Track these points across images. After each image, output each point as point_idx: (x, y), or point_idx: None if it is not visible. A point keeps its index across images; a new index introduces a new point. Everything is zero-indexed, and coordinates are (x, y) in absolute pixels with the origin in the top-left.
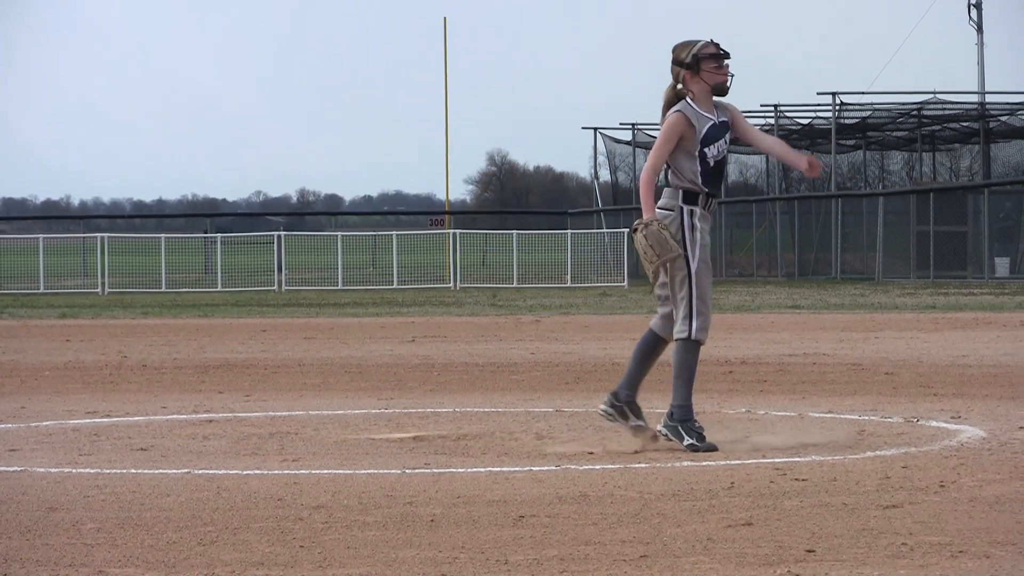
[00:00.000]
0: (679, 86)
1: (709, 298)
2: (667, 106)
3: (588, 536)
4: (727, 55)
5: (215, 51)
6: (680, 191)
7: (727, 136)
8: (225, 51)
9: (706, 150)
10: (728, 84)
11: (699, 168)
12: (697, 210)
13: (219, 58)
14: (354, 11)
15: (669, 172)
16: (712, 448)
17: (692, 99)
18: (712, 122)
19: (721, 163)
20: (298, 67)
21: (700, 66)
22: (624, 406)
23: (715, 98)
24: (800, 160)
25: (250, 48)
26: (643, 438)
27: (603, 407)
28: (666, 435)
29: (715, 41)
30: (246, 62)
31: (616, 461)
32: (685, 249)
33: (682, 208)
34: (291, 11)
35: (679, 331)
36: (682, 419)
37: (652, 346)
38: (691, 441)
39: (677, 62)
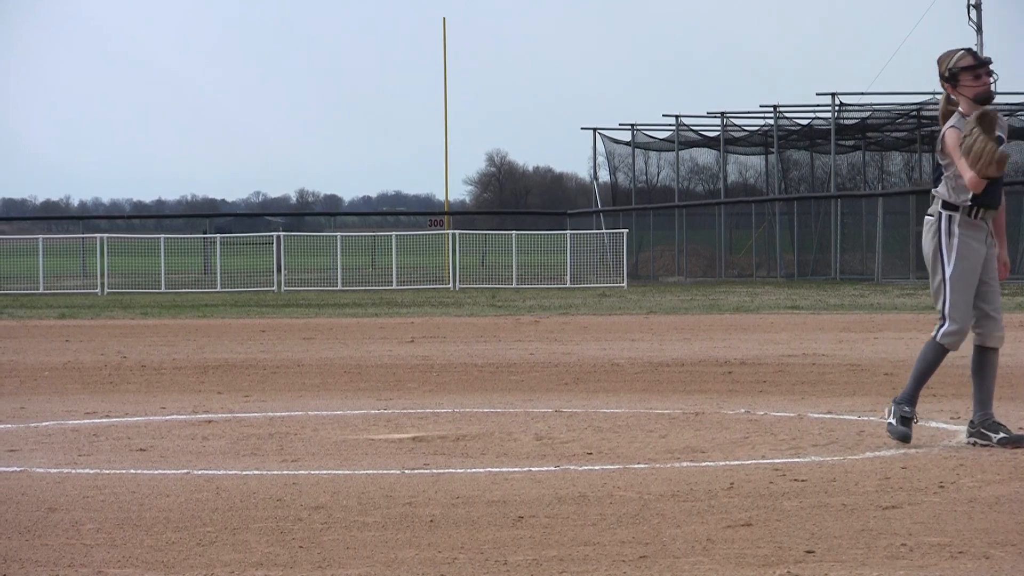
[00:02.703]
0: (951, 97)
1: (964, 306)
2: (943, 118)
3: (587, 537)
4: (984, 62)
5: (214, 51)
6: (941, 199)
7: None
8: (224, 51)
9: None
10: (990, 91)
11: None
12: (957, 216)
13: (218, 59)
14: (353, 12)
15: (941, 178)
16: (903, 437)
17: (962, 112)
18: None
19: None
20: (297, 67)
21: (958, 79)
22: (981, 429)
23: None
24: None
25: (249, 48)
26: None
27: (968, 440)
28: (889, 413)
29: (972, 50)
30: (245, 63)
31: (615, 461)
32: (941, 255)
33: (941, 214)
34: (290, 11)
35: (934, 330)
36: (899, 401)
37: (978, 360)
38: (890, 420)
39: (940, 75)
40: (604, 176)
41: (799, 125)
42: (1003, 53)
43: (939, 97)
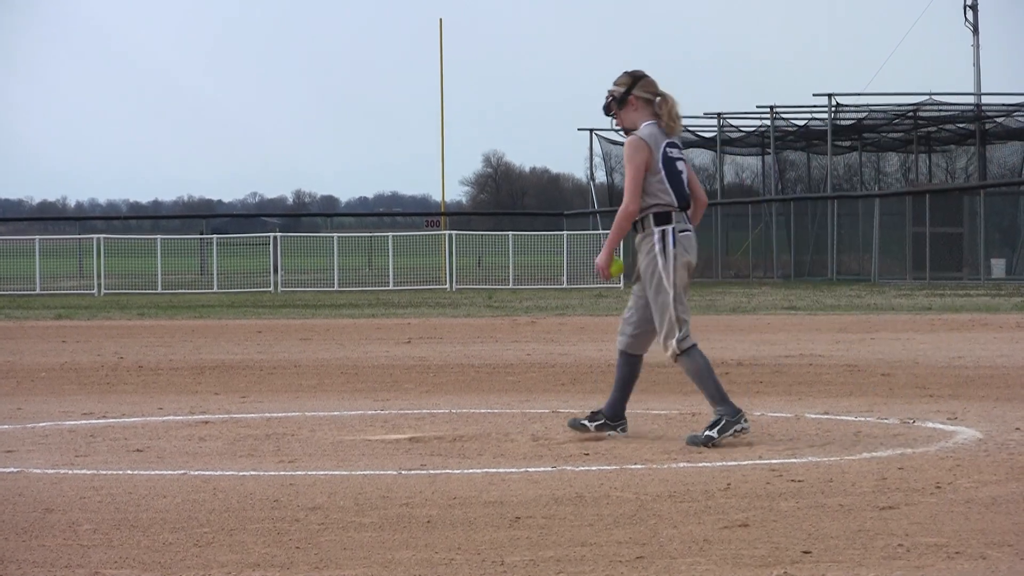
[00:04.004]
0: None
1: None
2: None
3: (584, 537)
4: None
5: (211, 52)
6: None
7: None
8: (221, 52)
9: None
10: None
11: None
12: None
13: (215, 59)
14: (350, 12)
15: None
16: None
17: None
18: None
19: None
20: (294, 68)
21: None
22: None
23: None
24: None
25: (246, 49)
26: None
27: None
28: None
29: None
30: (242, 63)
31: (612, 462)
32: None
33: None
34: (287, 12)
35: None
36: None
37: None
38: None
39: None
40: (601, 177)
41: (795, 126)
42: (999, 54)
43: (936, 98)
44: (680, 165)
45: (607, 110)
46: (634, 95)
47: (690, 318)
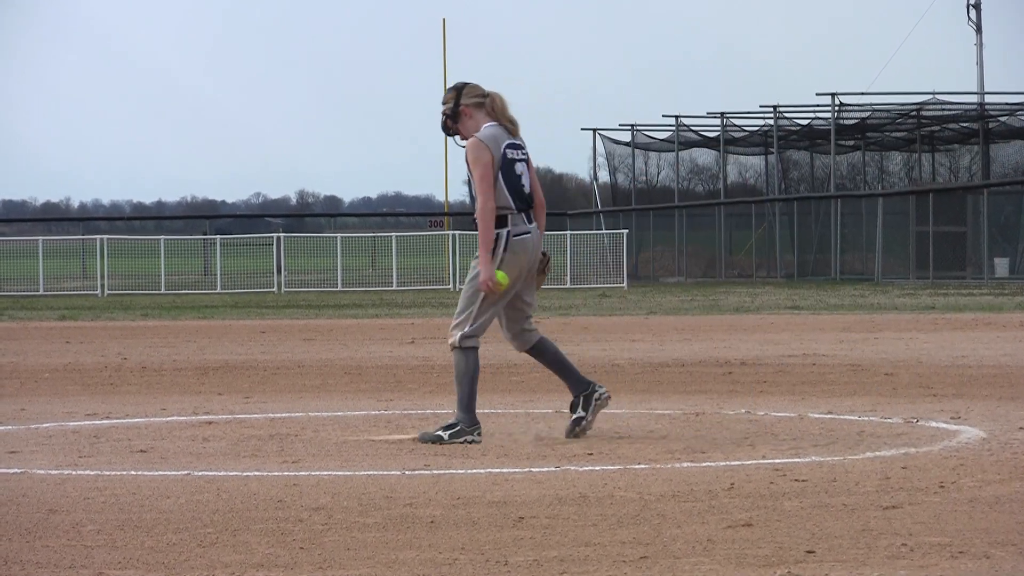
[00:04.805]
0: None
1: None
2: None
3: (588, 537)
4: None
5: (213, 53)
6: None
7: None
8: (223, 53)
9: None
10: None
11: None
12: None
13: (217, 60)
14: (353, 12)
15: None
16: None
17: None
18: None
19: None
20: (297, 68)
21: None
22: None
23: None
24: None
25: (249, 49)
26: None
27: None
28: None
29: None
30: (245, 63)
31: (616, 462)
32: None
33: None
34: (290, 11)
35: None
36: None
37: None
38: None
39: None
40: (604, 177)
41: (799, 125)
42: (1002, 53)
43: (939, 97)
44: (520, 167)
45: (445, 128)
46: (463, 104)
47: (488, 325)
